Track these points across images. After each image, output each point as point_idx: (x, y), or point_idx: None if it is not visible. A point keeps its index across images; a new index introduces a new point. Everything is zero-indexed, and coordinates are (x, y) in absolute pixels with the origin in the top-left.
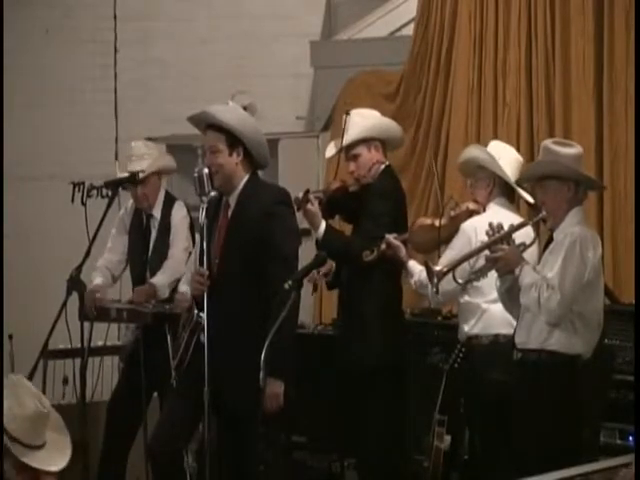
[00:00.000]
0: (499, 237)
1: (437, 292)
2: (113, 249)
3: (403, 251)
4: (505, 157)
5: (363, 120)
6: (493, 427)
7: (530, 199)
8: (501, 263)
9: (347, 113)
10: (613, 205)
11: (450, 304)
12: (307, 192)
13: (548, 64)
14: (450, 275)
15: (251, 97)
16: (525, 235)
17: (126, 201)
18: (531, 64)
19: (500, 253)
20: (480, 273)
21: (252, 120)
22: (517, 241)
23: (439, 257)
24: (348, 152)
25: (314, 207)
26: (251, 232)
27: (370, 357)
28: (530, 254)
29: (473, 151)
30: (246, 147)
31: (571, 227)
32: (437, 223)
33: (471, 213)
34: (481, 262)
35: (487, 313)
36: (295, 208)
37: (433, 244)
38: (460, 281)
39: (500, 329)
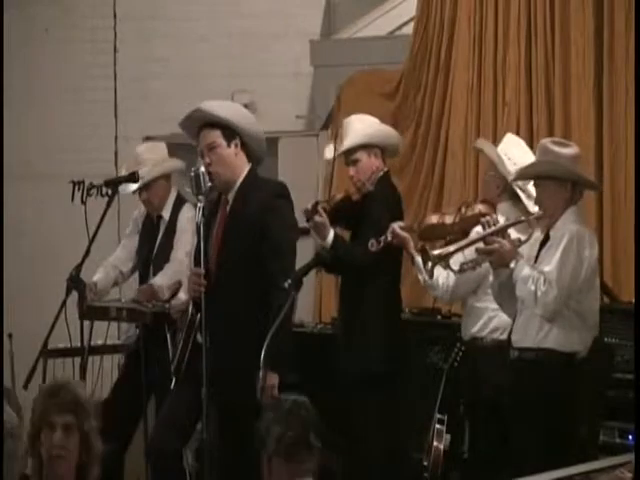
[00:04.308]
0: (494, 230)
1: (431, 277)
2: (124, 246)
3: (411, 243)
4: (520, 163)
5: (364, 126)
6: (493, 427)
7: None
8: (496, 255)
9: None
10: (613, 203)
11: (450, 304)
12: (317, 204)
13: (548, 63)
14: (465, 274)
15: (251, 96)
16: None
17: (126, 200)
18: (531, 63)
19: (496, 245)
20: (474, 263)
21: (246, 111)
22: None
23: None
24: (348, 157)
25: (323, 218)
26: (251, 227)
27: (371, 360)
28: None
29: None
30: (242, 139)
31: (568, 225)
32: (446, 220)
33: (482, 216)
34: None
35: (496, 319)
36: (305, 219)
37: (441, 238)
38: (455, 268)
39: (505, 336)
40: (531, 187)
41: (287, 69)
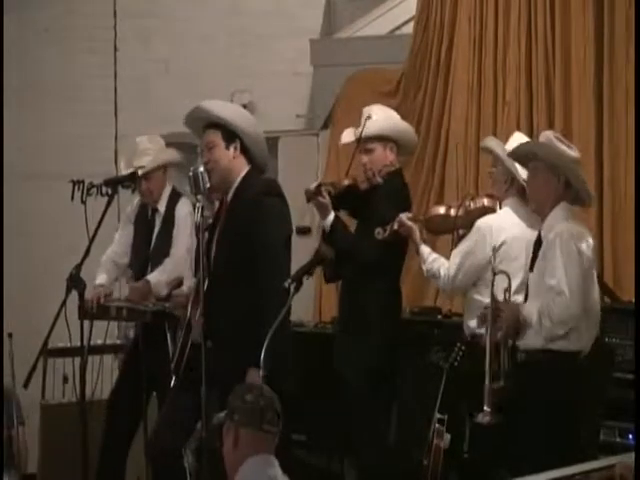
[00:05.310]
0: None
1: None
2: (120, 241)
3: (416, 233)
4: None
5: (384, 119)
6: (494, 427)
7: None
8: (506, 331)
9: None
10: (613, 204)
11: (450, 304)
12: (320, 185)
13: (548, 63)
14: (466, 265)
15: (251, 95)
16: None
17: (126, 199)
18: (531, 63)
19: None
20: None
21: (249, 115)
22: (515, 248)
23: (453, 242)
24: (363, 145)
25: (325, 200)
26: (242, 226)
27: (370, 357)
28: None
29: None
30: (243, 142)
31: (559, 223)
32: (451, 212)
33: (486, 210)
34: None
35: None
36: (306, 199)
37: (446, 232)
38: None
39: None
40: None
41: (287, 68)
